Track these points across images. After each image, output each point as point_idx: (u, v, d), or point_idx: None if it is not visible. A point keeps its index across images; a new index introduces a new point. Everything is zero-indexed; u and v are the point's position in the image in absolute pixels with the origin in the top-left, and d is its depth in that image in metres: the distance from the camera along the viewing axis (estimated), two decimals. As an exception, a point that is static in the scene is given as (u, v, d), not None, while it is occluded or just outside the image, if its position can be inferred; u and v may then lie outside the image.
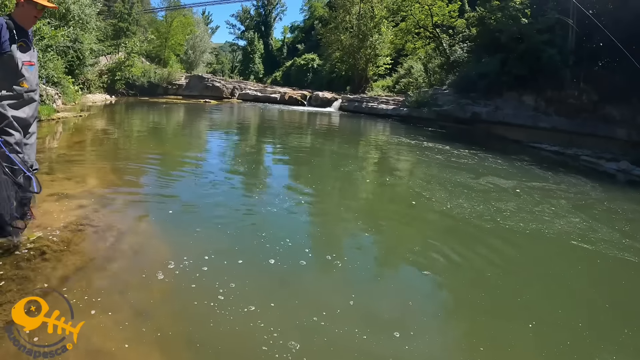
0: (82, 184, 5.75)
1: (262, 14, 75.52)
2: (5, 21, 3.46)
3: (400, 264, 4.52)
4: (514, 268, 4.49)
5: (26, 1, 3.60)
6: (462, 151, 12.60)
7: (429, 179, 8.29)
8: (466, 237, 5.27)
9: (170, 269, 3.51)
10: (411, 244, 4.96)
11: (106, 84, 28.20)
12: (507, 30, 20.57)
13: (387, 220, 5.95)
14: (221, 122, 19.65)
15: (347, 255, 4.37)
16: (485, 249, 4.84)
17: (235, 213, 5.38)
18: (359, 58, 38.40)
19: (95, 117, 16.48)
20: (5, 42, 3.45)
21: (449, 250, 4.61)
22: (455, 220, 5.73)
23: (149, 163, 8.33)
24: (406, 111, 25.92)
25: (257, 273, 3.70)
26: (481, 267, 4.32)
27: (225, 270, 3.62)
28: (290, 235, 4.62)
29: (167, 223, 4.64)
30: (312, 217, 5.69)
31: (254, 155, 10.65)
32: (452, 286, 4.00)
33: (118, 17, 36.50)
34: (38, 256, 3.38)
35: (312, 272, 3.92)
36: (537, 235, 5.40)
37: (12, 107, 3.54)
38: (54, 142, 9.82)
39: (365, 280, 3.84)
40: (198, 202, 5.67)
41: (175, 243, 4.06)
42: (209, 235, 4.38)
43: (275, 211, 5.52)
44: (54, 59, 17.77)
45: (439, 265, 4.26)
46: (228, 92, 36.18)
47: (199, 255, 3.77)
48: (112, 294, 3.01)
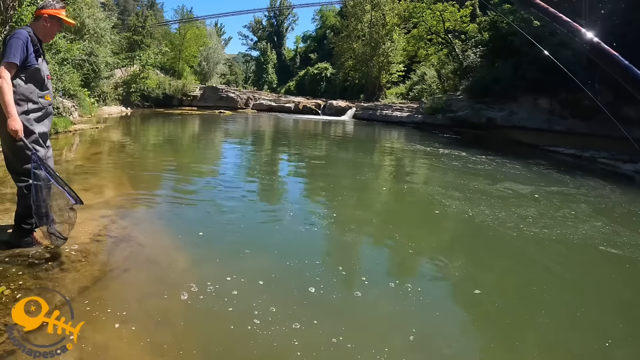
0: (99, 195, 5.79)
1: (274, 24, 76.21)
2: (29, 34, 3.50)
3: (447, 286, 4.10)
4: (551, 278, 4.35)
5: (50, 17, 3.64)
6: (478, 157, 12.49)
7: (447, 186, 8.19)
8: (496, 247, 5.14)
9: (188, 279, 3.50)
10: (449, 259, 4.59)
11: (122, 96, 28.57)
12: (520, 34, 20.43)
13: (415, 231, 5.78)
14: (236, 132, 19.73)
15: (386, 276, 4.07)
16: (518, 259, 4.75)
17: (254, 226, 5.35)
18: (372, 66, 38.45)
19: (112, 129, 16.66)
20: (32, 55, 3.49)
21: (488, 264, 4.51)
22: (481, 229, 5.61)
23: (166, 174, 8.37)
24: (420, 118, 25.86)
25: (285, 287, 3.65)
26: (524, 282, 4.16)
27: (248, 287, 3.51)
28: (318, 253, 4.55)
29: (185, 235, 4.61)
30: (337, 232, 5.38)
31: (270, 165, 10.64)
32: (504, 305, 3.71)
33: (132, 30, 37.12)
34: (56, 266, 3.39)
35: (363, 302, 3.40)
36: (563, 242, 5.26)
37: (36, 121, 3.60)
38: (71, 153, 9.94)
39: (413, 305, 3.45)
40: (216, 214, 5.66)
41: (193, 255, 4.03)
42: (228, 249, 4.34)
43: (296, 226, 5.42)
44: (70, 72, 18.08)
45: (487, 283, 4.05)
46: (242, 102, 36.44)
47: (220, 271, 3.73)
48: (130, 304, 2.99)
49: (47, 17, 3.62)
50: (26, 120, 3.49)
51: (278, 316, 3.02)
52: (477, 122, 21.08)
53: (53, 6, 3.65)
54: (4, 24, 9.04)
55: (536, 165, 11.82)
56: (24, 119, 3.47)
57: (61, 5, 3.73)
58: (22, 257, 3.47)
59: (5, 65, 3.33)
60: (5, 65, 3.33)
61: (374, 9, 38.84)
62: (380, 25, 38.26)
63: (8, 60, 3.34)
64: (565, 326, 3.36)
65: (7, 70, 3.32)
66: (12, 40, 3.39)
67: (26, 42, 3.42)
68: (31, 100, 3.54)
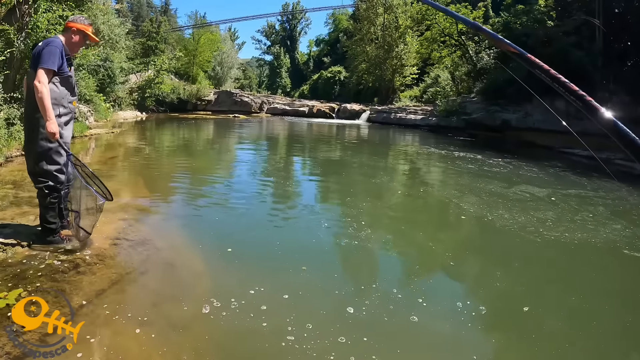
0: (116, 199, 5.80)
1: (287, 28, 76.49)
2: (62, 42, 3.69)
3: (488, 297, 3.86)
4: (578, 284, 4.22)
5: (78, 31, 3.83)
6: (494, 160, 12.38)
7: (464, 189, 8.11)
8: (525, 256, 4.97)
9: (204, 282, 3.51)
10: (482, 268, 4.57)
11: (136, 101, 28.85)
12: (534, 35, 20.26)
13: (439, 239, 5.58)
14: (251, 136, 19.79)
15: (423, 291, 3.71)
16: (543, 265, 4.66)
17: (271, 231, 5.34)
18: (386, 69, 38.40)
19: (127, 134, 16.83)
20: (64, 63, 3.69)
21: (524, 277, 4.34)
22: (503, 234, 5.50)
23: (181, 178, 8.43)
24: (435, 121, 25.73)
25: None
26: (550, 288, 4.08)
27: (266, 295, 3.46)
28: (344, 264, 4.46)
29: (202, 239, 4.62)
30: (363, 241, 4.96)
31: (285, 169, 10.63)
32: (553, 321, 3.47)
33: (146, 36, 37.48)
34: (72, 269, 3.42)
35: (416, 325, 3.09)
36: (586, 246, 5.15)
37: (65, 125, 3.80)
38: (87, 158, 10.04)
39: (466, 326, 3.18)
40: (231, 218, 5.67)
41: (211, 259, 4.04)
42: (246, 253, 4.34)
43: (314, 231, 5.36)
44: (86, 78, 18.33)
45: (531, 298, 3.81)
46: (256, 106, 36.61)
47: (238, 276, 3.75)
48: (146, 308, 3.00)
49: (75, 30, 3.83)
50: (59, 125, 3.67)
51: (317, 332, 2.87)
52: (492, 124, 20.90)
53: (82, 21, 3.88)
54: (20, 31, 9.17)
55: (552, 167, 11.68)
56: (57, 123, 3.63)
57: (89, 22, 3.97)
58: (40, 259, 3.50)
59: (45, 71, 3.51)
60: (44, 70, 3.50)
61: (386, 11, 38.78)
62: (393, 28, 38.18)
63: (47, 66, 3.52)
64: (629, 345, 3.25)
65: (46, 76, 3.50)
66: (49, 47, 3.57)
67: (61, 50, 3.64)
68: (62, 105, 3.74)
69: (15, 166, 7.84)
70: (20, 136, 8.55)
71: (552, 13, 20.39)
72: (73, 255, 3.65)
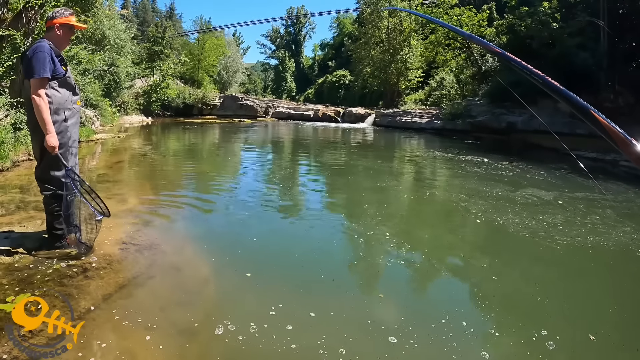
0: (122, 203, 5.85)
1: (292, 32, 76.65)
2: (50, 45, 3.58)
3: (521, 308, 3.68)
4: (600, 290, 4.17)
5: (62, 25, 3.72)
6: (500, 163, 12.32)
7: (471, 193, 8.06)
8: (535, 258, 4.89)
9: (211, 287, 3.51)
10: (509, 278, 4.38)
11: (142, 106, 29.01)
12: (538, 36, 20.21)
13: (456, 246, 5.40)
14: (257, 140, 19.80)
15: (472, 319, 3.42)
16: (561, 270, 4.56)
17: (278, 237, 5.32)
18: (390, 72, 38.39)
19: (133, 138, 16.89)
20: (58, 65, 3.60)
21: (536, 277, 4.26)
22: (518, 241, 5.40)
23: (188, 183, 8.45)
24: (440, 124, 25.70)
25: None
26: (575, 294, 3.98)
27: (271, 288, 3.52)
28: (370, 278, 4.24)
29: (209, 242, 4.63)
30: (385, 253, 4.76)
31: (291, 173, 10.62)
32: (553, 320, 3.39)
33: (152, 41, 37.68)
34: (80, 273, 3.42)
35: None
36: (601, 250, 5.08)
37: (72, 127, 3.76)
38: (93, 162, 10.10)
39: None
40: (238, 222, 5.65)
41: (217, 262, 4.04)
42: (253, 258, 4.33)
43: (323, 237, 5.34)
44: (92, 83, 18.44)
45: (535, 300, 3.75)
46: (262, 110, 36.68)
47: (245, 281, 3.72)
48: (154, 313, 2.99)
49: (58, 26, 3.71)
50: (65, 129, 3.65)
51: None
52: (498, 127, 20.83)
53: (62, 15, 3.75)
54: (27, 36, 9.23)
55: (558, 170, 11.62)
56: (64, 127, 3.63)
57: (70, 12, 3.83)
58: (48, 264, 3.51)
59: (39, 82, 3.43)
60: (38, 81, 3.42)
61: (390, 15, 38.78)
62: (398, 32, 38.20)
63: (40, 75, 3.42)
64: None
65: (41, 87, 3.42)
66: (36, 55, 3.46)
67: (50, 54, 3.52)
68: (67, 108, 3.68)
69: (22, 170, 7.88)
70: (26, 140, 8.59)
71: (556, 15, 20.32)
72: (80, 260, 3.65)
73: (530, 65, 1.14)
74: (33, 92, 3.40)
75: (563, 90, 1.03)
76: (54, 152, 3.48)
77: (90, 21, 15.21)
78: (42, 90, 3.43)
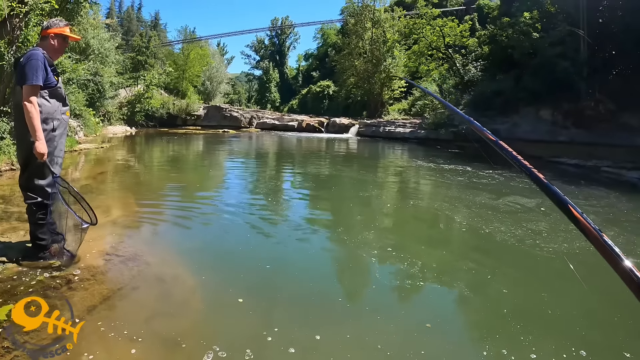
0: (106, 214, 5.79)
1: (277, 43, 76.81)
2: (44, 54, 3.59)
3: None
4: (595, 298, 4.17)
5: (56, 35, 3.75)
6: (483, 171, 12.44)
7: (455, 202, 8.12)
8: (533, 270, 4.81)
9: (197, 300, 3.49)
10: (483, 286, 4.36)
11: (126, 116, 28.83)
12: (520, 46, 20.57)
13: (434, 254, 5.36)
14: (241, 151, 19.72)
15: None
16: (552, 280, 4.56)
17: (260, 244, 5.35)
18: (374, 83, 38.72)
19: (117, 149, 16.77)
20: (51, 75, 3.60)
21: (533, 290, 4.19)
22: (506, 249, 5.38)
23: (171, 194, 8.38)
24: (424, 133, 25.94)
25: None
26: (566, 304, 3.92)
27: (263, 307, 3.50)
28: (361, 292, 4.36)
29: (193, 253, 4.60)
30: (374, 265, 4.74)
31: (275, 184, 10.60)
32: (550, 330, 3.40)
33: (136, 51, 37.58)
34: (64, 285, 3.38)
35: None
36: (589, 256, 5.08)
37: (60, 137, 3.75)
38: (77, 172, 9.99)
39: None
40: (222, 233, 5.63)
41: (201, 273, 4.01)
42: (237, 268, 4.36)
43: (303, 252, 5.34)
44: (76, 92, 18.30)
45: (533, 313, 3.70)
46: (246, 121, 36.66)
47: (229, 289, 3.72)
48: (138, 322, 2.96)
49: (52, 35, 3.74)
50: (52, 138, 3.64)
51: None
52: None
53: (57, 25, 3.78)
54: (11, 44, 9.13)
55: (541, 177, 11.76)
56: (52, 137, 3.61)
57: (65, 23, 3.86)
58: (31, 276, 3.46)
59: (31, 89, 3.42)
60: (30, 88, 3.42)
61: (374, 26, 39.21)
62: (381, 42, 38.58)
63: (32, 82, 3.42)
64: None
65: (33, 94, 3.42)
66: (30, 62, 3.46)
67: (44, 62, 3.53)
68: (56, 118, 3.67)
69: (4, 180, 7.77)
70: (9, 150, 8.48)
71: (537, 25, 20.73)
72: (64, 271, 3.61)
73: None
74: (25, 98, 3.39)
75: (547, 183, 1.02)
76: (43, 159, 3.47)
77: (75, 30, 15.12)
78: (34, 97, 3.42)
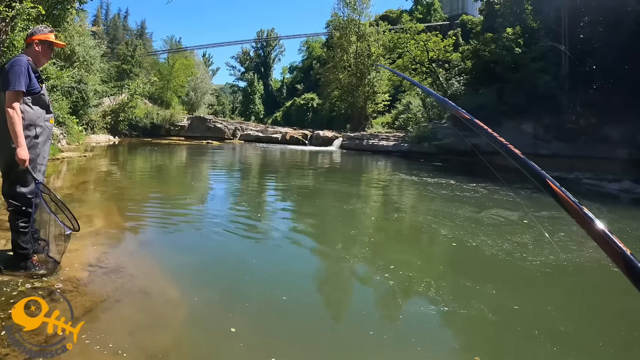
0: (88, 225, 5.70)
1: (262, 55, 76.94)
2: (29, 61, 3.58)
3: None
4: (585, 310, 4.20)
5: (41, 42, 3.75)
6: (466, 184, 12.57)
7: (438, 215, 8.14)
8: (525, 284, 4.82)
9: (180, 311, 3.45)
10: (470, 298, 4.23)
11: (110, 125, 28.59)
12: (502, 61, 20.91)
13: (431, 269, 5.31)
14: (224, 163, 19.69)
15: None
16: (543, 293, 4.53)
17: (242, 254, 5.35)
18: (358, 96, 39.05)
19: (99, 158, 16.62)
20: (35, 81, 3.58)
21: (515, 303, 4.13)
22: (496, 263, 5.33)
23: (154, 205, 8.28)
24: (407, 147, 26.14)
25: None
26: (553, 317, 3.88)
27: (234, 309, 3.52)
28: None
29: (176, 265, 4.54)
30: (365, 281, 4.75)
31: (258, 197, 10.58)
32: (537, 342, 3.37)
33: (121, 59, 37.39)
34: (47, 296, 3.31)
35: None
36: (577, 268, 5.18)
37: (42, 145, 3.71)
38: (58, 181, 9.85)
39: None
40: (205, 244, 5.60)
41: (183, 283, 3.98)
42: (219, 278, 4.37)
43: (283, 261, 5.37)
44: (59, 99, 18.12)
45: (518, 329, 3.67)
46: (230, 132, 36.60)
47: (211, 300, 3.72)
48: (122, 335, 2.92)
49: (37, 42, 3.73)
50: (35, 145, 3.61)
51: None
52: (463, 149, 21.27)
53: (42, 31, 3.78)
54: (-3, 48, 9.04)
55: (523, 189, 11.86)
56: (34, 143, 3.58)
57: (49, 29, 3.86)
58: (12, 286, 3.39)
59: (14, 94, 3.41)
60: (13, 94, 3.41)
61: (359, 40, 39.60)
62: (366, 56, 38.97)
63: (15, 88, 3.41)
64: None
65: (16, 100, 3.41)
66: (14, 68, 3.45)
67: (27, 68, 3.51)
68: (39, 125, 3.64)
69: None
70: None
71: (519, 40, 21.12)
72: (46, 282, 3.54)
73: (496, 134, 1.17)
74: (8, 104, 3.37)
75: (523, 158, 1.05)
76: (25, 166, 3.43)
77: (61, 36, 15.03)
78: (17, 103, 3.40)
